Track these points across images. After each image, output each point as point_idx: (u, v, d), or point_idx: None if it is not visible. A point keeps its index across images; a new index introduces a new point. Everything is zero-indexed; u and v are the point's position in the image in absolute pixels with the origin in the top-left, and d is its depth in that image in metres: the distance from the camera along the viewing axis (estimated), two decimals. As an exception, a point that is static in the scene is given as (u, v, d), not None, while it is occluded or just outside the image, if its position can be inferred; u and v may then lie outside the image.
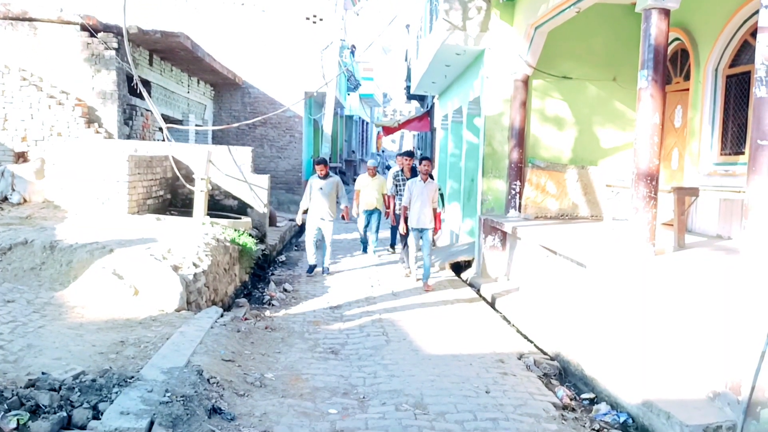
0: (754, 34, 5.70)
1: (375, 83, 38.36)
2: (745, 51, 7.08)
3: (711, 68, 7.50)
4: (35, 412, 3.65)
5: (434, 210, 9.05)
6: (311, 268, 9.84)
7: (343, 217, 10.73)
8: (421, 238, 9.02)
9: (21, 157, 10.65)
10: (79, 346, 4.82)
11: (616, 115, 9.78)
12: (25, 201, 9.60)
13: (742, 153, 7.04)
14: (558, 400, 4.98)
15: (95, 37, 11.09)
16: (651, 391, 4.55)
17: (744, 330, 3.99)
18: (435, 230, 9.20)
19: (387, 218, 11.51)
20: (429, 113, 23.07)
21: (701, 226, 7.57)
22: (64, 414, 3.63)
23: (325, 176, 9.71)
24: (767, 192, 4.09)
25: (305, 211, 9.96)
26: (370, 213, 11.40)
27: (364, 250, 11.77)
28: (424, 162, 9.13)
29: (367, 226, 11.57)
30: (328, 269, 9.93)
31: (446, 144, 15.61)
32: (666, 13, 5.45)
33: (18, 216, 8.46)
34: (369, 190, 11.42)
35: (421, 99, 26.09)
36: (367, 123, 42.28)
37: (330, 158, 19.70)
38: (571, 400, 5.06)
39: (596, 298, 5.95)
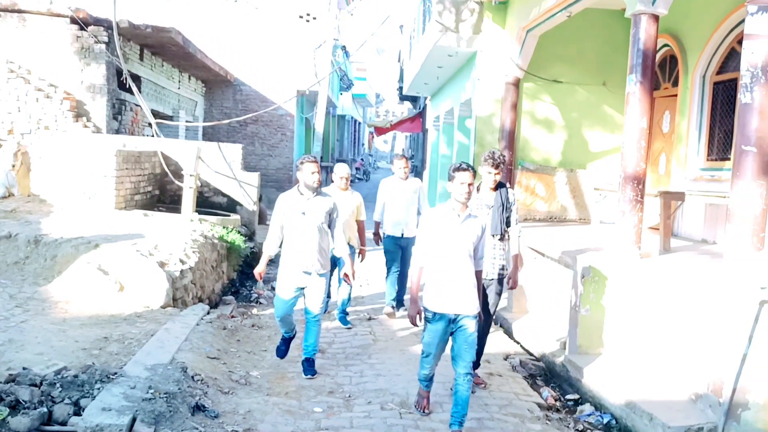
0: (741, 41, 5.77)
1: (368, 83, 38.38)
2: (732, 58, 7.14)
3: (699, 75, 7.56)
4: (15, 407, 3.61)
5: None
6: (282, 349, 5.48)
7: (345, 279, 5.75)
8: (452, 334, 4.27)
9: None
10: (61, 342, 4.78)
11: (606, 119, 9.84)
12: (10, 195, 9.51)
13: (728, 159, 7.10)
14: (543, 401, 5.01)
15: (85, 30, 10.99)
16: (634, 393, 4.58)
17: (726, 332, 4.03)
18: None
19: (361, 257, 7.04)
20: (421, 114, 23.11)
21: (687, 231, 7.63)
22: (45, 410, 3.60)
23: (317, 189, 5.18)
24: (750, 197, 4.13)
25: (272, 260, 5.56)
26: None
27: (343, 321, 6.91)
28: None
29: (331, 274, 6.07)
30: (312, 369, 5.29)
31: (438, 145, 15.65)
32: (655, 18, 5.49)
33: (2, 209, 8.37)
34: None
35: (414, 100, 26.14)
36: (359, 123, 42.27)
37: (321, 158, 19.59)
38: (555, 400, 5.09)
39: (581, 300, 5.97)
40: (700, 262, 5.64)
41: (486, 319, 5.11)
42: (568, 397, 5.18)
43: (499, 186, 5.12)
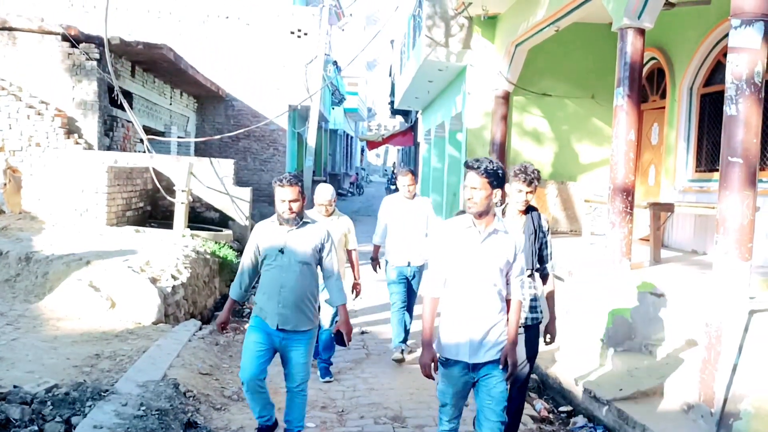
0: (726, 54, 5.87)
1: (359, 98, 38.59)
2: (718, 71, 7.25)
3: (686, 87, 7.67)
4: (6, 426, 3.58)
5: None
6: None
7: (339, 339, 4.40)
8: (474, 385, 3.29)
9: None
10: (53, 359, 4.74)
11: (595, 131, 9.94)
12: (1, 212, 9.47)
13: (717, 170, 7.17)
14: (536, 413, 5.00)
15: (76, 47, 11.02)
16: (627, 404, 4.59)
17: (716, 343, 4.05)
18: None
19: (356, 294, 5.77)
20: (413, 128, 23.24)
21: (677, 242, 7.69)
22: (36, 428, 3.57)
23: (300, 218, 3.95)
24: (737, 207, 4.18)
25: (242, 305, 4.15)
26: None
27: (324, 373, 5.55)
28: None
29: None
30: None
31: (429, 158, 15.74)
32: (641, 32, 5.58)
33: (-6, 227, 8.34)
34: None
35: (405, 114, 26.30)
36: (351, 137, 42.42)
37: (313, 172, 19.58)
38: (549, 412, 5.08)
39: (573, 312, 6.00)
40: (691, 273, 5.69)
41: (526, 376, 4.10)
42: (561, 409, 5.17)
43: (529, 209, 4.02)
